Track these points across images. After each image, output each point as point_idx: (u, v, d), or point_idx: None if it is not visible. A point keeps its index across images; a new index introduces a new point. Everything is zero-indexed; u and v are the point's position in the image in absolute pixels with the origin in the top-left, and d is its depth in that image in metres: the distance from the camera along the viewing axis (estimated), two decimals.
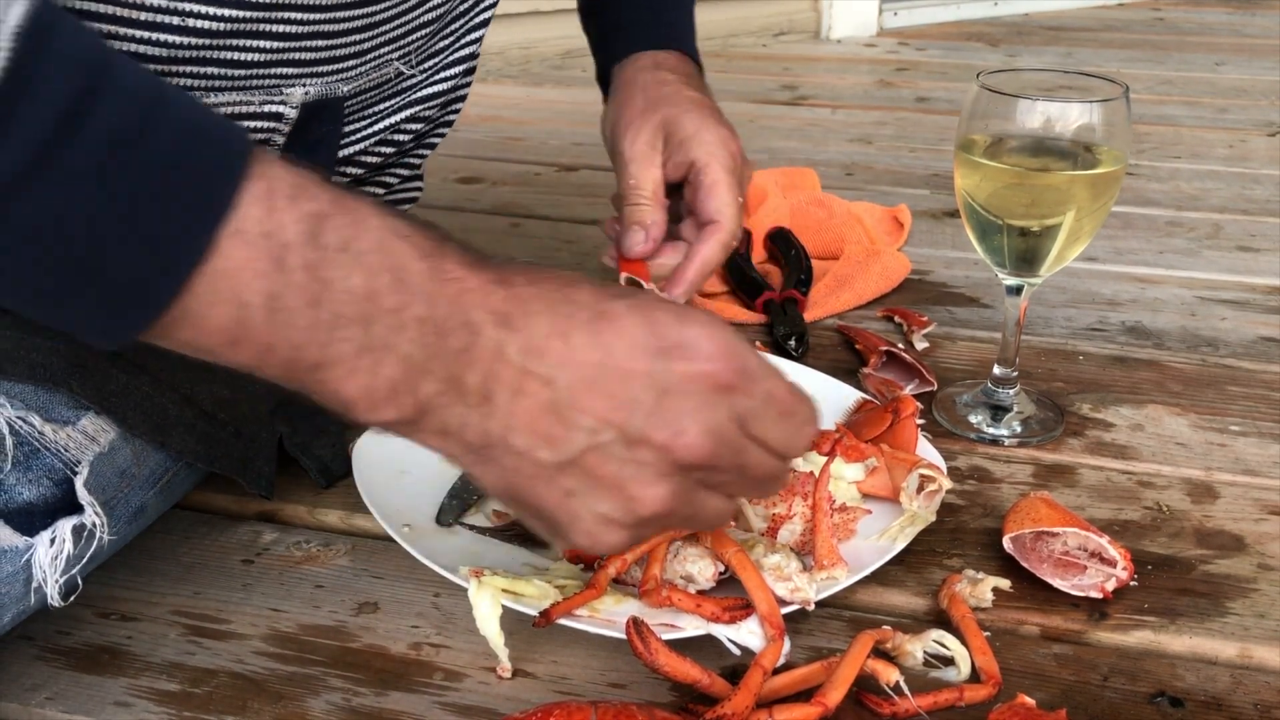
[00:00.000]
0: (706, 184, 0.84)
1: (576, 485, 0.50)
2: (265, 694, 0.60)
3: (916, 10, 2.49)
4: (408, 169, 0.83)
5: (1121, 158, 0.77)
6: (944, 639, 0.61)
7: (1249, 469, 0.81)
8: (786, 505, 0.67)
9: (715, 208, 0.84)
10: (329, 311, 0.46)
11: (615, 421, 0.49)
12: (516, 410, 0.49)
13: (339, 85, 0.68)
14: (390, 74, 0.71)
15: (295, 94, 0.65)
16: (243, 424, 0.72)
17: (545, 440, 0.49)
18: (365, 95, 0.71)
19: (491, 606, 0.59)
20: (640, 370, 0.49)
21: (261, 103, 0.65)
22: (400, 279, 0.47)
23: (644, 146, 0.85)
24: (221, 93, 0.63)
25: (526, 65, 2.07)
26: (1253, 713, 0.59)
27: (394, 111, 0.73)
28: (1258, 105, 1.82)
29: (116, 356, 0.66)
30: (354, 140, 0.72)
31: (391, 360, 0.48)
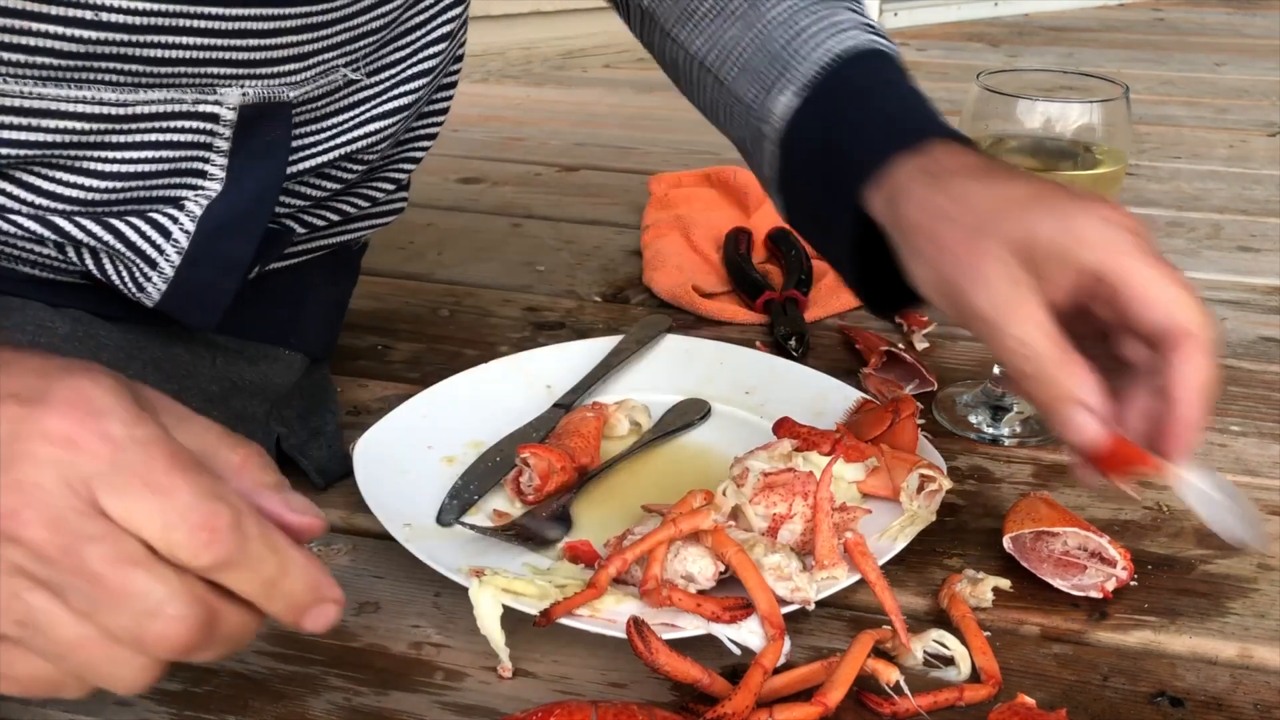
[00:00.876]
0: (1125, 285, 0.56)
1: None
2: (266, 693, 0.60)
3: (917, 10, 2.49)
4: (392, 183, 0.82)
5: (1122, 158, 0.77)
6: (944, 639, 0.61)
7: (1249, 469, 0.81)
8: (787, 505, 0.67)
9: (1161, 312, 0.56)
10: None
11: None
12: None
13: (283, 90, 0.66)
14: (339, 80, 0.69)
15: (231, 95, 0.64)
16: (237, 424, 0.72)
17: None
18: (316, 103, 0.69)
19: (492, 606, 0.60)
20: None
21: (194, 102, 0.63)
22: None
23: (1007, 288, 0.57)
24: (150, 89, 0.62)
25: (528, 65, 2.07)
26: (1253, 713, 0.59)
27: (355, 125, 0.72)
28: (1258, 105, 1.82)
29: (100, 349, 0.66)
30: (314, 151, 0.71)
31: None
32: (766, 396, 0.85)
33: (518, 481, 0.74)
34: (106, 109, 0.61)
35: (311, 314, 0.84)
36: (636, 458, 0.79)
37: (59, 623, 0.41)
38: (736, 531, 0.65)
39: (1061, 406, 0.56)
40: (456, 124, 1.73)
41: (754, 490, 0.67)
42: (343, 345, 0.99)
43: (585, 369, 0.88)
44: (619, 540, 0.66)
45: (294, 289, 0.81)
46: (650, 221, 1.21)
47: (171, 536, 0.41)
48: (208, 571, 0.42)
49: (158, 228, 0.65)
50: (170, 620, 0.41)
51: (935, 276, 0.60)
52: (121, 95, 0.61)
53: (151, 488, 0.41)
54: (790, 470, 0.68)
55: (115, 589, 0.40)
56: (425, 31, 0.74)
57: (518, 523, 0.70)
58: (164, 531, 0.41)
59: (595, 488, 0.76)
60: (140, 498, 0.40)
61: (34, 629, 0.41)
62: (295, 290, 0.81)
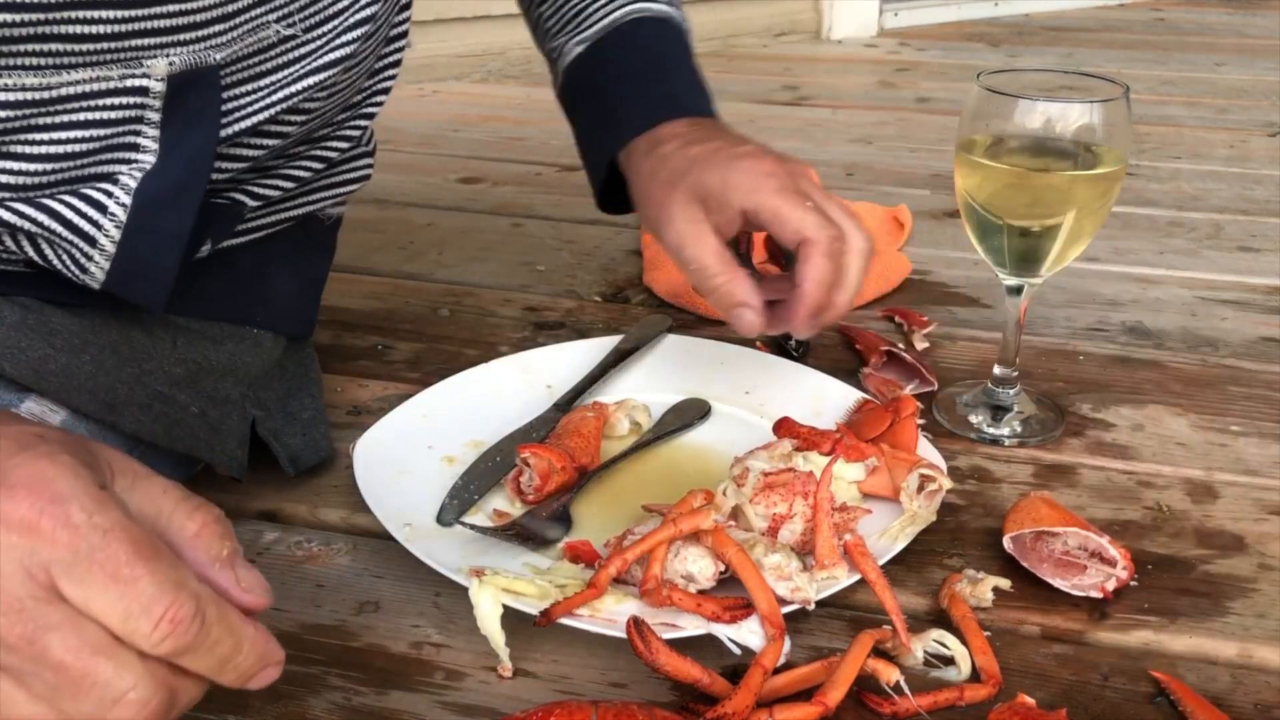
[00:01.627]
0: (766, 215, 0.74)
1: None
2: (266, 693, 0.60)
3: (917, 11, 2.49)
4: (347, 141, 0.80)
5: (1122, 158, 0.77)
6: (944, 638, 0.61)
7: (1249, 469, 0.81)
8: (787, 505, 0.67)
9: (790, 229, 0.73)
10: None
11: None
12: None
13: (209, 54, 0.64)
14: (272, 37, 0.67)
15: (158, 65, 0.62)
16: (208, 405, 0.71)
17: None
18: (246, 62, 0.67)
19: (492, 606, 0.60)
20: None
21: (121, 77, 0.62)
22: None
23: (684, 225, 0.75)
24: (73, 70, 0.61)
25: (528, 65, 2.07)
26: (1253, 713, 0.59)
27: (292, 80, 0.69)
28: (1258, 105, 1.82)
29: (53, 337, 0.65)
30: (249, 110, 0.68)
31: None
32: (766, 396, 0.85)
33: (518, 481, 0.74)
34: (30, 94, 0.60)
35: (280, 291, 0.82)
36: (636, 458, 0.79)
37: (19, 708, 0.41)
38: (737, 531, 0.65)
39: (730, 307, 0.74)
40: (456, 123, 1.73)
41: (754, 490, 0.67)
42: (343, 345, 0.99)
43: (585, 369, 0.88)
44: (619, 540, 0.66)
45: (258, 266, 0.79)
46: None
47: (132, 625, 0.41)
48: (167, 657, 0.43)
49: (94, 204, 0.64)
50: (133, 705, 0.42)
51: (646, 217, 0.80)
52: (44, 79, 0.60)
53: (113, 577, 0.41)
54: (790, 470, 0.68)
55: (78, 677, 0.41)
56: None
57: (518, 523, 0.70)
58: (124, 620, 0.41)
59: (595, 488, 0.76)
60: (102, 587, 0.41)
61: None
62: (259, 267, 0.79)
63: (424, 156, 1.57)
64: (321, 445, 0.79)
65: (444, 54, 2.00)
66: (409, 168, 1.51)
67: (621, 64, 0.87)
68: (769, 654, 0.58)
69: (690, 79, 0.88)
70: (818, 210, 0.74)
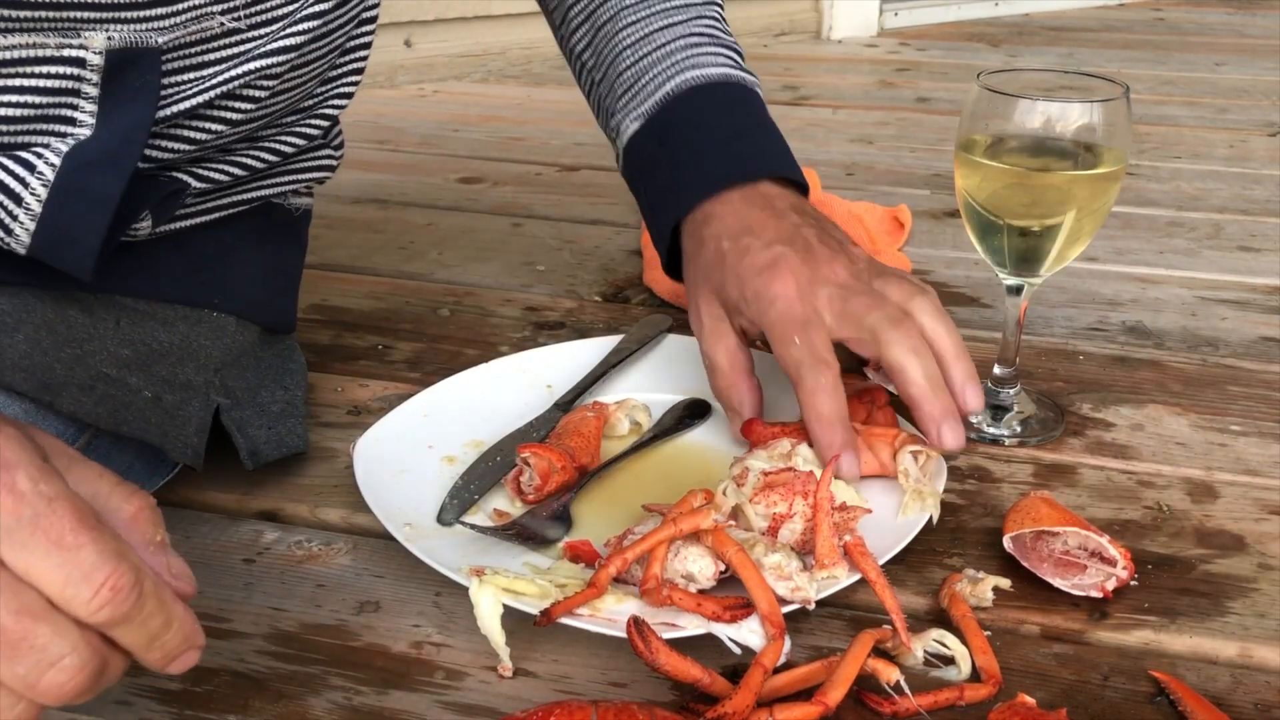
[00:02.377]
0: (768, 333, 0.73)
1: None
2: (266, 693, 0.60)
3: (917, 10, 2.49)
4: (304, 139, 0.79)
5: (1122, 158, 0.77)
6: (944, 638, 0.61)
7: (1249, 469, 0.81)
8: (787, 504, 0.67)
9: (786, 359, 0.72)
10: None
11: None
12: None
13: (150, 35, 0.65)
14: (215, 28, 0.67)
15: (96, 39, 0.63)
16: (163, 389, 0.71)
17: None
18: (190, 49, 0.67)
19: (493, 605, 0.60)
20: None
21: (58, 46, 0.62)
22: None
23: (707, 320, 0.77)
24: (10, 34, 0.61)
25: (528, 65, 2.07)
26: (1253, 712, 0.60)
27: (234, 66, 0.69)
28: (1258, 105, 1.82)
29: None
30: (188, 94, 0.68)
31: None
32: (767, 396, 0.85)
33: (518, 481, 0.74)
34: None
35: (242, 277, 0.81)
36: (636, 458, 0.79)
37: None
38: (737, 531, 0.65)
39: (728, 408, 0.78)
40: (456, 123, 1.74)
41: (754, 490, 0.67)
42: (343, 345, 0.99)
43: (585, 369, 0.88)
44: (619, 540, 0.66)
45: (214, 248, 0.78)
46: None
47: (72, 592, 0.42)
48: (102, 626, 0.43)
49: (22, 163, 0.64)
50: (67, 670, 0.42)
51: (687, 293, 0.81)
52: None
53: (56, 544, 0.41)
54: (790, 470, 0.68)
55: (16, 640, 0.41)
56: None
57: (518, 522, 0.70)
58: (65, 587, 0.42)
59: (595, 487, 0.76)
60: (45, 553, 0.41)
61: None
62: (215, 250, 0.79)
63: (424, 156, 1.57)
64: (288, 440, 0.78)
65: (444, 54, 2.00)
66: (409, 168, 1.51)
67: (677, 138, 0.83)
68: (769, 654, 0.58)
69: (753, 140, 0.84)
70: (807, 345, 0.71)
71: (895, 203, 1.30)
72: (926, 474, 0.72)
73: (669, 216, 0.82)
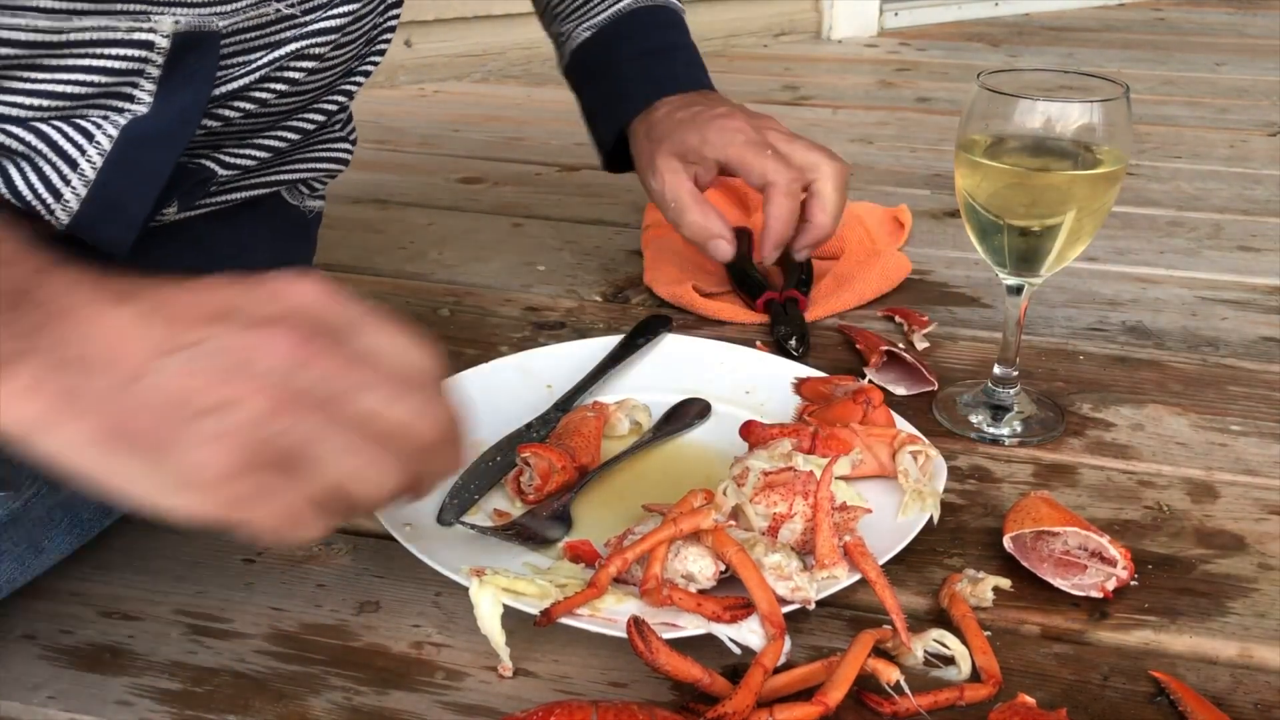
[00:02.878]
0: (736, 164, 0.94)
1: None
2: (267, 693, 0.60)
3: (917, 10, 2.49)
4: (323, 114, 0.81)
5: (1122, 158, 0.77)
6: (945, 638, 0.61)
7: (1250, 469, 0.81)
8: (787, 504, 0.67)
9: (756, 175, 0.95)
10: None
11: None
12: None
13: (213, 19, 0.66)
14: (271, 14, 0.69)
15: (165, 22, 0.64)
16: None
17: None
18: (246, 34, 0.69)
19: (493, 605, 0.60)
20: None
21: (129, 29, 0.63)
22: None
23: (667, 174, 0.96)
24: (86, 16, 0.62)
25: (528, 65, 2.07)
26: (1253, 713, 0.60)
27: (279, 49, 0.71)
28: (1259, 105, 1.82)
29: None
30: (236, 76, 0.70)
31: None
32: (766, 396, 0.85)
33: (518, 481, 0.74)
34: (40, 35, 0.61)
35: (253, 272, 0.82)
36: (636, 458, 0.79)
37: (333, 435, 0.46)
38: (737, 531, 0.65)
39: (707, 238, 0.97)
40: (457, 123, 1.74)
41: (754, 490, 0.67)
42: None
43: (585, 369, 0.88)
44: (619, 540, 0.66)
45: (228, 242, 0.80)
46: (650, 222, 1.21)
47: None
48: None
49: (82, 132, 0.65)
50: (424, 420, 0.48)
51: (639, 170, 1.00)
52: (56, 22, 0.61)
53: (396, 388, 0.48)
54: (790, 470, 0.68)
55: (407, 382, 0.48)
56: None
57: (518, 522, 0.70)
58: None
59: (595, 488, 0.75)
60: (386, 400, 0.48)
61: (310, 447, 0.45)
62: (229, 244, 0.80)
63: (424, 156, 1.57)
64: None
65: (444, 54, 2.00)
66: (409, 168, 1.51)
67: (626, 48, 1.04)
68: (769, 654, 0.58)
69: (687, 58, 1.06)
70: (778, 157, 0.94)
71: (896, 203, 1.30)
72: (926, 474, 0.72)
73: (616, 120, 1.03)
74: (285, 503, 0.45)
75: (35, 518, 0.65)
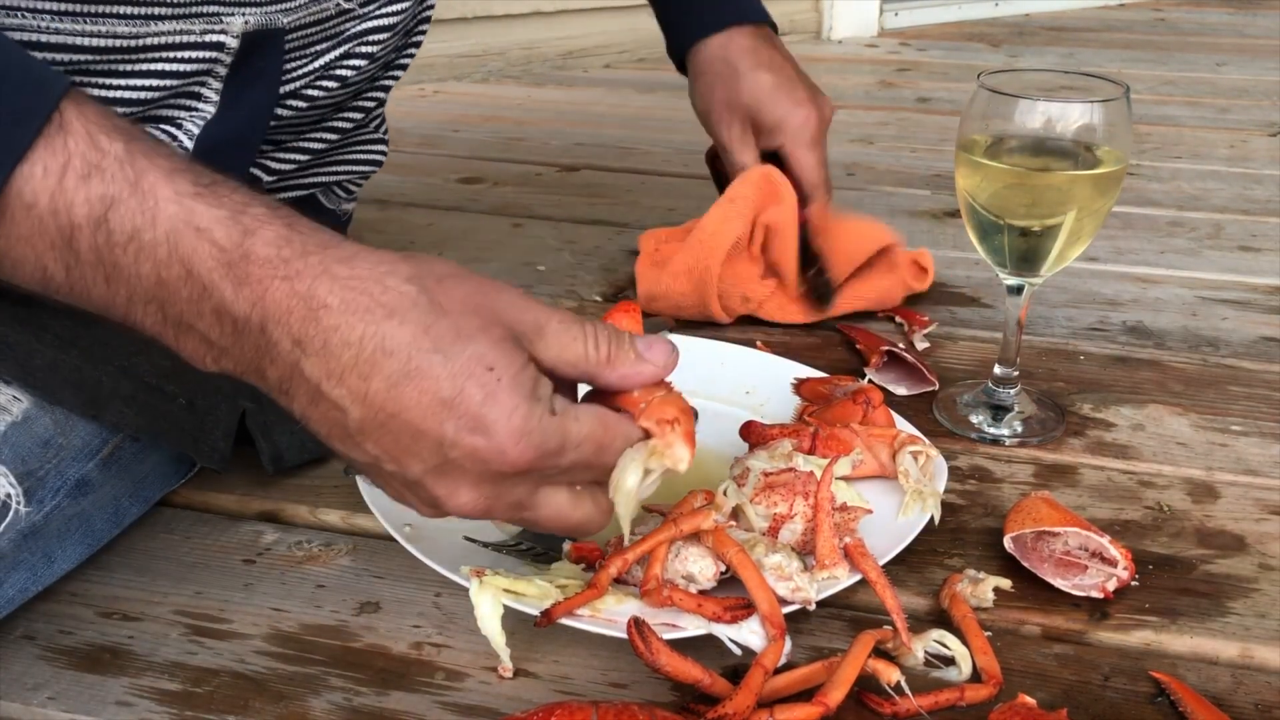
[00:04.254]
0: (792, 164, 1.01)
1: (373, 475, 0.53)
2: (267, 693, 0.60)
3: (917, 11, 2.49)
4: (361, 111, 0.81)
5: (1122, 158, 0.77)
6: (945, 639, 0.61)
7: (1250, 469, 0.81)
8: (788, 505, 0.67)
9: (803, 182, 1.02)
10: (124, 291, 0.48)
11: (399, 462, 0.50)
12: (313, 414, 0.51)
13: (278, 16, 0.67)
14: (331, 9, 0.70)
15: (235, 23, 0.65)
16: (196, 395, 0.71)
17: (339, 441, 0.51)
18: (307, 30, 0.70)
19: (493, 606, 0.59)
20: (431, 434, 0.49)
21: (202, 32, 0.64)
22: (191, 273, 0.48)
23: (738, 135, 1.02)
24: (163, 21, 0.63)
25: (528, 65, 2.07)
26: (1254, 713, 0.59)
27: (338, 45, 0.73)
28: (1259, 105, 1.82)
29: (43, 332, 0.66)
30: (298, 74, 0.72)
31: (194, 337, 0.50)
32: (766, 397, 0.85)
33: None
34: (119, 40, 0.61)
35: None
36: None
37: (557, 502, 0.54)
38: (737, 531, 0.65)
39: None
40: (457, 124, 1.73)
41: (755, 490, 0.67)
42: None
43: None
44: (620, 540, 0.66)
45: None
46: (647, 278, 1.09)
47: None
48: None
49: (165, 135, 0.66)
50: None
51: (702, 106, 1.05)
52: (134, 28, 0.62)
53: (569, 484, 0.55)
54: (791, 470, 0.68)
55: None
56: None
57: (523, 537, 0.70)
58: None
59: None
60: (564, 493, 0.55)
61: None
62: None
63: (424, 156, 1.57)
64: (310, 446, 0.78)
65: (444, 54, 2.00)
66: (409, 168, 1.51)
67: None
68: (770, 654, 0.58)
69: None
70: (822, 165, 1.02)
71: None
72: (927, 474, 0.72)
73: (692, 31, 1.05)
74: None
75: (53, 530, 0.65)
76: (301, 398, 0.50)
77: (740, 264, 1.01)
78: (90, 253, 0.47)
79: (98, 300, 0.49)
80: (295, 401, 0.51)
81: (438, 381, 0.49)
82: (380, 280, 0.50)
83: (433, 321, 0.50)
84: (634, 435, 0.55)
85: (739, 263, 1.00)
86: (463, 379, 0.49)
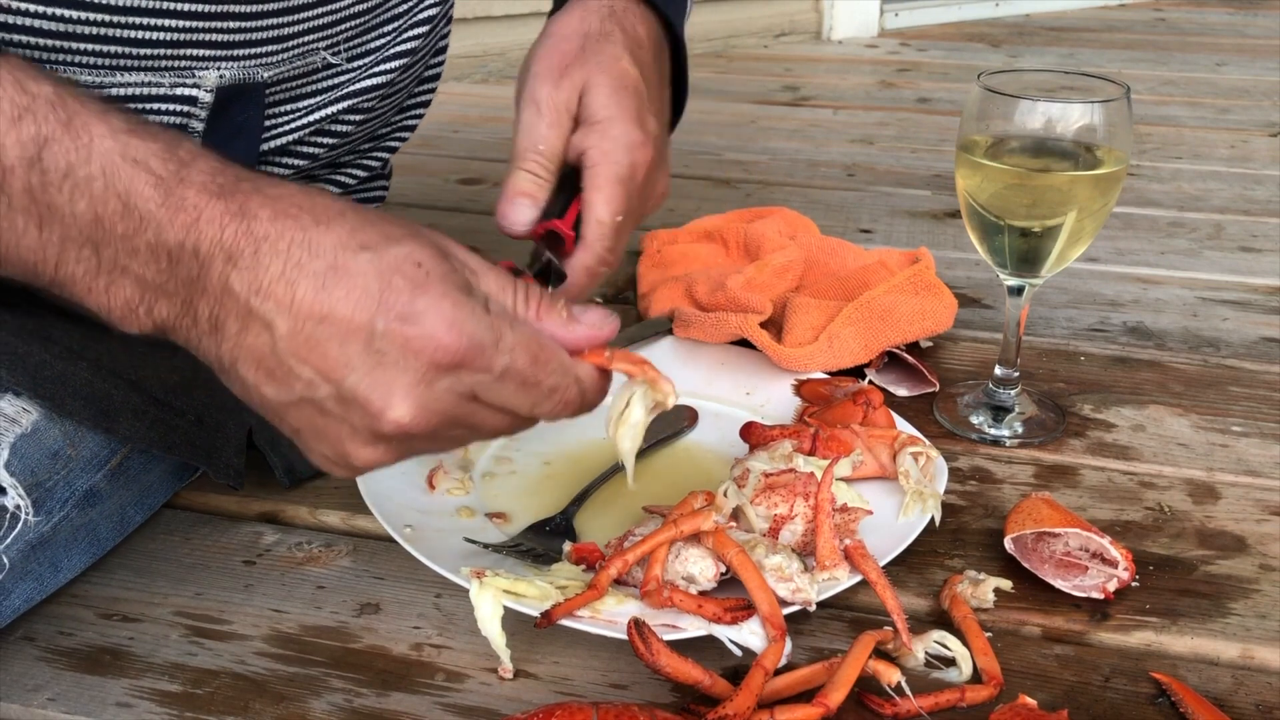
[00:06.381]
0: (586, 188, 0.68)
1: (300, 426, 0.52)
2: (267, 694, 0.60)
3: (918, 11, 2.49)
4: (364, 169, 0.81)
5: (1123, 158, 0.77)
6: (945, 639, 0.61)
7: (1250, 469, 0.81)
8: (788, 506, 0.67)
9: (593, 211, 0.69)
10: (57, 234, 0.48)
11: (331, 378, 0.50)
12: (243, 344, 0.50)
13: (258, 70, 0.66)
14: (317, 63, 0.69)
15: (208, 77, 0.64)
16: (205, 412, 0.71)
17: (269, 378, 0.51)
18: (291, 84, 0.69)
19: (493, 607, 0.59)
20: (361, 331, 0.49)
21: (172, 85, 0.63)
22: (128, 205, 0.48)
23: (561, 107, 0.68)
24: (127, 73, 0.62)
25: None
26: (1254, 713, 0.59)
27: (328, 103, 0.72)
28: (1259, 106, 1.82)
29: (51, 344, 0.66)
30: (284, 130, 0.71)
31: (127, 282, 0.49)
32: (766, 398, 0.85)
33: None
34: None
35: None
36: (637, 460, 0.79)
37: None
38: (738, 532, 0.65)
39: (521, 198, 0.73)
40: (457, 124, 1.73)
41: (755, 491, 0.67)
42: None
43: None
44: (620, 541, 0.66)
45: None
46: (647, 285, 1.08)
47: (537, 411, 0.54)
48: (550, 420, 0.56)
49: None
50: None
51: (544, 49, 0.69)
52: (98, 78, 0.61)
53: (521, 384, 0.53)
54: (791, 471, 0.68)
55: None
56: (410, 16, 0.74)
57: (524, 539, 0.70)
58: (532, 409, 0.54)
59: (596, 497, 0.75)
60: (513, 393, 0.53)
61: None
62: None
63: (424, 156, 1.57)
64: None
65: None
66: (409, 168, 1.51)
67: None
68: (770, 655, 0.58)
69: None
70: (623, 227, 0.69)
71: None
72: (927, 475, 0.72)
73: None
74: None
75: (60, 540, 0.65)
76: (231, 326, 0.50)
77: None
78: (23, 195, 0.47)
79: (27, 252, 0.49)
80: (226, 336, 0.50)
81: (365, 278, 0.49)
82: (310, 196, 0.51)
83: (361, 226, 0.50)
84: (571, 366, 0.54)
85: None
86: (390, 273, 0.49)
